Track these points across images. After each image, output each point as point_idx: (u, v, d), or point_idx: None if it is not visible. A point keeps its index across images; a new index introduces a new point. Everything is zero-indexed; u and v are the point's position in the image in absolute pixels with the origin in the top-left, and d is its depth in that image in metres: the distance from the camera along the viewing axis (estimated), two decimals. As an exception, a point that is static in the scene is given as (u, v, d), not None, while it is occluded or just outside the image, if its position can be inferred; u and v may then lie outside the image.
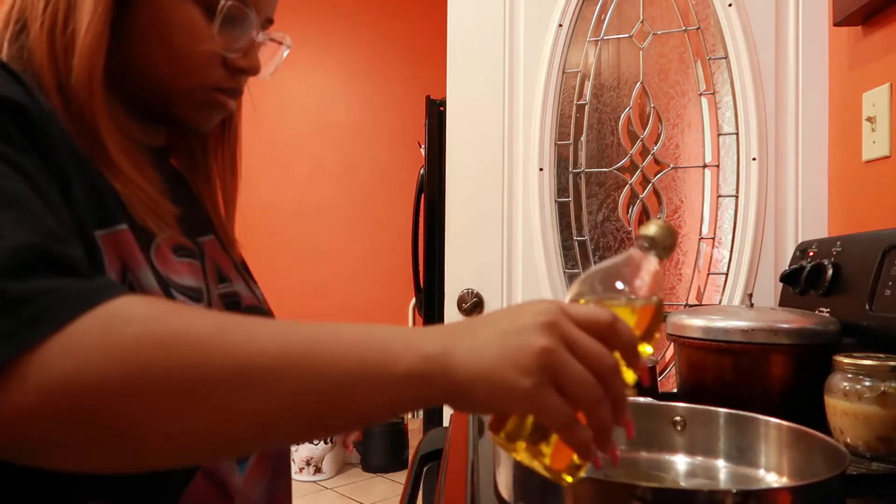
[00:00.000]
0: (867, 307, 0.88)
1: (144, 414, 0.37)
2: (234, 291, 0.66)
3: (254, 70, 0.65)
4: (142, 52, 0.59)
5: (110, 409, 0.37)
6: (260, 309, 0.70)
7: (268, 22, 0.66)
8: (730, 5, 1.39)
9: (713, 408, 0.72)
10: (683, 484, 0.69)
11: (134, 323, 0.38)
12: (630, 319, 0.46)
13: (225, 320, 0.41)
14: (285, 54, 0.70)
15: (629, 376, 0.43)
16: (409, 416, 3.31)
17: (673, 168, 1.46)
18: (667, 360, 1.45)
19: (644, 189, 1.47)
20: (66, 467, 0.39)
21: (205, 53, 0.60)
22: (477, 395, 0.40)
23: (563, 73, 1.51)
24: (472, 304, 1.53)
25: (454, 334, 0.42)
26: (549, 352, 0.40)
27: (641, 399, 0.81)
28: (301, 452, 3.45)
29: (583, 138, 1.51)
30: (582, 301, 0.47)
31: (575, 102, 1.51)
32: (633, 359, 0.43)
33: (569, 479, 0.44)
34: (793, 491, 0.53)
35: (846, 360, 0.75)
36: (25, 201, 0.42)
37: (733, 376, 0.89)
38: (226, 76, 0.62)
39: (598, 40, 1.51)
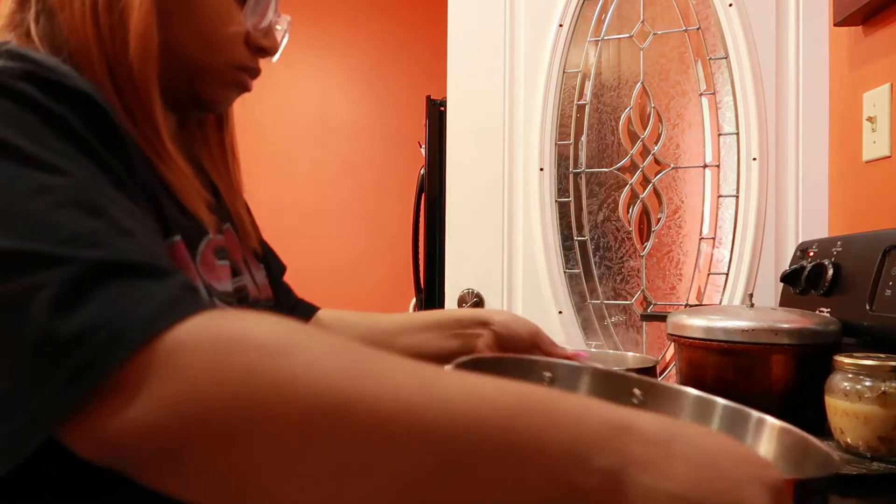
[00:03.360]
0: (867, 307, 0.88)
1: (243, 453, 0.33)
2: (244, 286, 0.67)
3: (273, 49, 0.66)
4: (171, 31, 0.58)
5: (210, 444, 0.33)
6: (261, 302, 0.71)
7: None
8: (730, 5, 1.39)
9: (678, 387, 0.71)
10: None
11: (246, 352, 0.34)
12: None
13: (351, 358, 0.35)
14: (286, 39, 0.71)
15: None
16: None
17: (673, 168, 1.46)
18: (667, 360, 1.45)
19: (644, 189, 1.47)
20: (161, 490, 0.35)
21: (230, 32, 0.61)
22: None
23: (564, 73, 1.51)
24: (473, 305, 1.53)
25: (644, 455, 0.33)
26: None
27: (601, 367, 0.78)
28: (301, 452, 3.45)
29: (583, 138, 1.51)
30: None
31: (575, 102, 1.51)
32: None
33: None
34: None
35: (846, 361, 0.75)
36: (94, 199, 0.39)
37: (733, 376, 0.89)
38: (247, 55, 0.64)
39: (598, 40, 1.51)
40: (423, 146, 1.94)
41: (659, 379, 0.71)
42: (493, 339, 0.81)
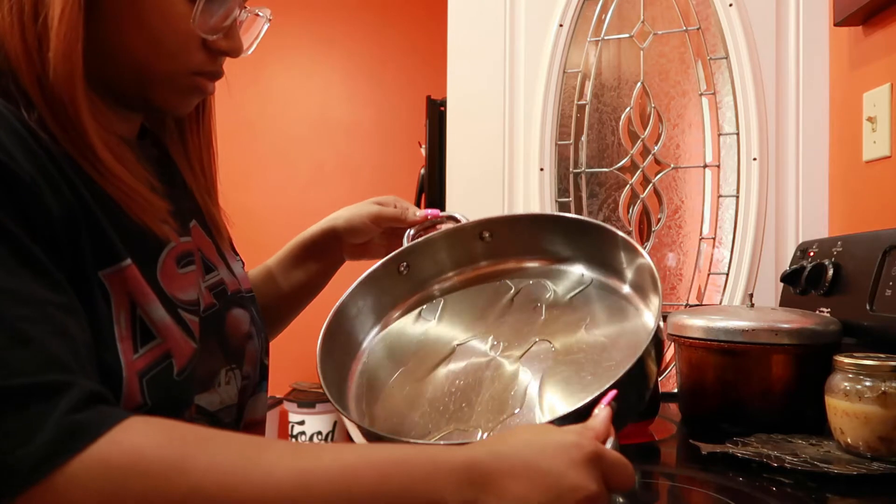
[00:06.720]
0: (868, 307, 0.88)
1: None
2: (220, 280, 0.66)
3: (236, 52, 0.61)
4: (116, 37, 0.54)
5: None
6: (242, 295, 0.69)
7: None
8: (730, 5, 1.39)
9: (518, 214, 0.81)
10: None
11: (138, 479, 0.36)
12: None
13: (234, 461, 0.40)
14: (265, 28, 0.65)
15: None
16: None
17: (673, 168, 1.46)
18: (667, 360, 1.45)
19: (645, 189, 1.47)
20: None
21: (183, 36, 0.56)
22: None
23: (564, 73, 1.51)
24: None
25: (487, 483, 0.42)
26: None
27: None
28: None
29: (583, 138, 1.51)
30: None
31: (575, 102, 1.51)
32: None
33: None
34: None
35: (847, 360, 0.75)
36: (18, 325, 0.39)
37: (733, 376, 0.89)
38: (206, 59, 0.59)
39: (598, 40, 1.51)
40: (423, 146, 1.94)
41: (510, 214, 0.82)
42: (347, 245, 0.88)
